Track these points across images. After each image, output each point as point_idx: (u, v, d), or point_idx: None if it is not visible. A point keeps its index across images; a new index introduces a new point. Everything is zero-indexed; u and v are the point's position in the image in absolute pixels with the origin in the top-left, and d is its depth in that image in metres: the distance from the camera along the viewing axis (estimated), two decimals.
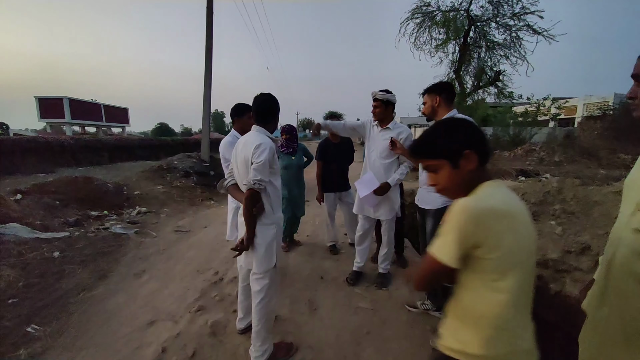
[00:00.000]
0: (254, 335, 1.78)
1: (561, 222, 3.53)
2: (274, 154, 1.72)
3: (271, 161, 1.69)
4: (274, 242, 1.77)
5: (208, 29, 9.56)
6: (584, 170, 7.94)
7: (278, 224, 1.82)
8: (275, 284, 1.89)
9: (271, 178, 1.73)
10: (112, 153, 16.54)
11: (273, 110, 1.79)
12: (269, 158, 1.64)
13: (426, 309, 2.33)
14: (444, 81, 2.25)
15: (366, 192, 2.42)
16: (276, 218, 1.80)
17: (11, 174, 10.32)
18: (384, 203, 2.54)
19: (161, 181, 7.54)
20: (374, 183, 2.42)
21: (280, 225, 1.87)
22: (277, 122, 1.85)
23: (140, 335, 2.15)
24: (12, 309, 2.42)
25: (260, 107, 1.77)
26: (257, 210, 1.70)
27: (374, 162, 2.52)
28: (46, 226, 4.07)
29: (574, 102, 21.80)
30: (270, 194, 1.75)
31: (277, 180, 1.82)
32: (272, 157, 1.69)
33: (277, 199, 1.82)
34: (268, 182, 1.70)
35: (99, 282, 2.98)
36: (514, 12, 10.23)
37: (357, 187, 2.54)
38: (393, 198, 2.55)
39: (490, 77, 11.41)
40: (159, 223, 5.09)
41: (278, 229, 1.81)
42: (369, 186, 2.43)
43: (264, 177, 1.64)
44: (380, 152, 2.48)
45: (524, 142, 11.66)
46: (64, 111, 26.54)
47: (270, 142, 1.70)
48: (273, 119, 1.81)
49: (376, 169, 2.49)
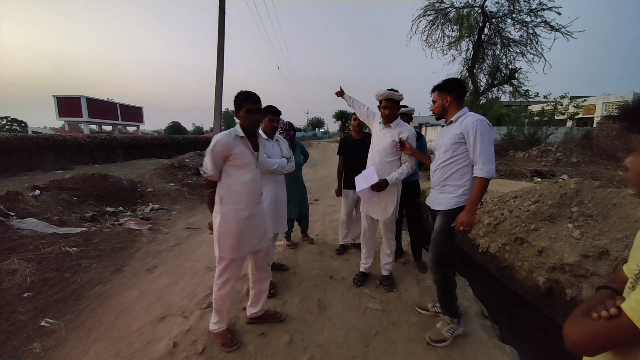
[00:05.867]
0: None
1: (579, 225, 3.42)
2: (228, 147, 1.76)
3: (221, 153, 1.77)
4: (218, 232, 1.84)
5: (220, 29, 9.65)
6: (602, 171, 7.66)
7: (225, 215, 1.83)
8: (228, 275, 1.91)
9: (230, 170, 1.83)
10: (127, 151, 16.98)
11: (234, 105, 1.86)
12: (213, 148, 1.76)
13: (437, 311, 2.28)
14: (456, 78, 2.09)
15: (364, 185, 2.39)
16: (223, 209, 1.83)
17: (29, 170, 10.70)
18: (380, 202, 2.52)
19: (173, 179, 7.67)
20: (373, 178, 2.38)
21: (231, 218, 1.83)
22: (239, 117, 1.85)
23: (152, 329, 2.19)
24: (27, 302, 2.48)
25: None
26: (208, 196, 1.90)
27: (374, 158, 2.52)
28: (64, 221, 4.19)
29: (592, 100, 21.07)
30: (224, 186, 1.84)
31: (240, 175, 1.83)
32: (222, 149, 1.76)
33: (236, 193, 1.84)
34: (211, 171, 1.80)
35: (113, 277, 3.05)
36: (530, 8, 9.95)
37: (356, 182, 2.51)
38: (388, 199, 2.51)
39: (505, 75, 11.13)
40: (170, 220, 5.18)
41: (224, 221, 1.82)
42: (367, 180, 2.40)
43: (205, 165, 1.81)
44: (382, 150, 2.47)
45: (540, 142, 11.33)
46: (82, 110, 27.30)
47: (222, 135, 1.78)
48: (237, 114, 1.87)
49: (377, 166, 2.48)
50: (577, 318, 0.67)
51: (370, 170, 2.47)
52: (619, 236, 3.01)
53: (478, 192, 1.82)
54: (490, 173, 1.80)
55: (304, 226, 3.76)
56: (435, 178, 2.03)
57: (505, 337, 2.31)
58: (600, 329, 0.61)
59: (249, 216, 1.89)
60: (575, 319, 0.67)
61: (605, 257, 2.88)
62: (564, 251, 3.19)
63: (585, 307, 0.68)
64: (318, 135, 64.25)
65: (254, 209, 1.93)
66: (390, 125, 2.45)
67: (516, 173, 7.83)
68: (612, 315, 0.59)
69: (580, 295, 2.89)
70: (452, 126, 1.95)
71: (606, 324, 0.60)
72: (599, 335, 0.61)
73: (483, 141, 1.80)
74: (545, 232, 3.57)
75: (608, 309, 0.60)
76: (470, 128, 1.82)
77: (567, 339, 0.66)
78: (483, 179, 1.81)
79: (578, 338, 0.64)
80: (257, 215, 1.96)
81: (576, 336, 0.64)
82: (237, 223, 1.85)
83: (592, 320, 0.62)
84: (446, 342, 1.99)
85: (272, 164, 2.43)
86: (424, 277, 2.92)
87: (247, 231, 1.90)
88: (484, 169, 1.80)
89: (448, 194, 1.95)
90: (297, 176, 3.39)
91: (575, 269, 3.00)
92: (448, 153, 1.93)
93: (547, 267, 3.23)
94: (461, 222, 1.83)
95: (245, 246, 1.91)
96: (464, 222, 1.82)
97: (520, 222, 3.91)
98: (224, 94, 9.96)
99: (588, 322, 0.63)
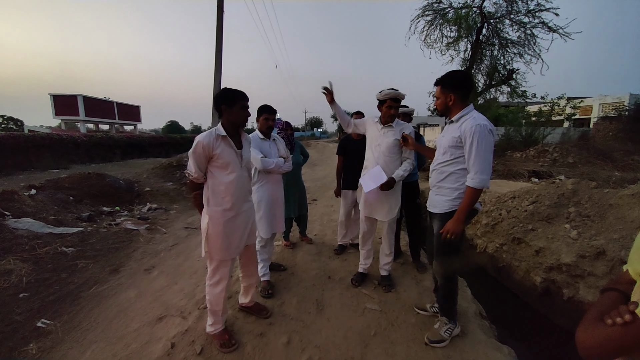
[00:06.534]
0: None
1: (576, 226, 3.44)
2: (209, 148, 1.74)
3: (203, 154, 1.74)
4: (207, 233, 1.83)
5: (218, 27, 9.62)
6: (598, 172, 7.72)
7: (212, 217, 1.83)
8: (220, 275, 1.92)
9: (214, 171, 1.81)
10: (124, 150, 16.88)
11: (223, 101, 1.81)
12: (194, 150, 1.73)
13: (435, 311, 2.28)
14: (461, 72, 1.96)
15: (373, 186, 2.36)
16: (210, 211, 1.83)
17: (25, 169, 10.62)
18: (384, 203, 2.50)
19: (171, 178, 7.64)
20: (381, 176, 2.35)
21: (218, 219, 1.84)
22: (232, 113, 1.82)
23: (149, 330, 2.18)
24: (23, 303, 2.46)
25: None
26: (194, 198, 1.90)
27: (378, 158, 2.47)
28: (60, 221, 4.16)
29: (589, 102, 21.21)
30: (209, 187, 1.83)
31: (223, 176, 1.81)
32: (204, 150, 1.73)
33: (221, 194, 1.82)
34: (196, 174, 1.78)
35: (110, 277, 3.03)
36: (528, 9, 9.98)
37: (362, 183, 2.47)
38: (392, 199, 2.51)
39: (503, 76, 11.17)
40: (168, 219, 5.16)
41: (212, 223, 1.82)
42: (376, 180, 2.37)
43: (189, 167, 1.80)
44: (385, 150, 2.45)
45: (537, 143, 11.39)
46: (78, 109, 27.09)
47: (203, 135, 1.75)
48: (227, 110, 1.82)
49: (382, 166, 2.46)
50: (589, 324, 0.66)
51: (377, 169, 2.42)
52: (615, 236, 3.03)
53: (467, 201, 1.76)
54: (482, 183, 1.72)
55: (302, 226, 3.76)
56: (433, 179, 2.01)
57: (503, 337, 2.32)
58: (614, 335, 0.60)
59: (236, 215, 1.89)
60: (588, 325, 0.66)
61: (602, 258, 2.90)
62: (561, 251, 3.20)
63: (597, 312, 0.68)
64: (316, 135, 64.22)
65: (241, 207, 1.92)
66: (392, 125, 2.44)
67: (514, 173, 7.87)
68: (627, 321, 0.59)
69: (577, 295, 2.91)
70: (453, 126, 1.86)
71: (621, 330, 0.60)
72: (614, 342, 0.61)
73: (479, 149, 1.70)
74: (543, 232, 3.58)
75: (622, 315, 0.60)
76: (468, 133, 1.73)
77: (581, 345, 0.65)
78: (474, 189, 1.73)
79: (592, 345, 0.63)
80: (245, 213, 1.96)
81: (590, 343, 0.64)
82: (225, 224, 1.85)
83: (606, 326, 0.62)
84: (444, 342, 1.99)
85: (269, 163, 2.42)
86: (422, 278, 2.93)
87: (236, 231, 1.91)
88: (475, 178, 1.72)
89: (443, 197, 1.92)
90: (297, 176, 3.38)
91: (572, 269, 3.02)
92: (446, 155, 1.88)
93: (545, 267, 3.24)
94: (447, 230, 1.79)
95: (235, 246, 1.93)
96: (450, 231, 1.78)
97: (518, 222, 3.93)
98: None
99: (602, 328, 0.62)
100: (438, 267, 2.01)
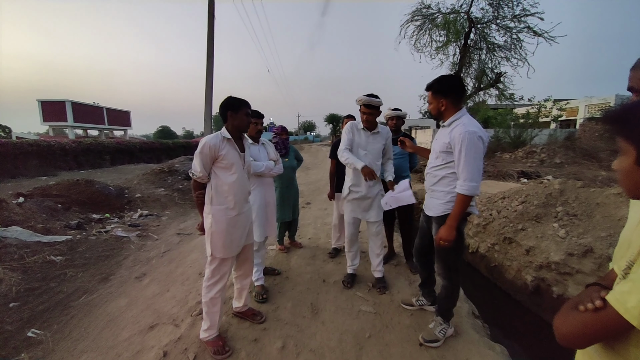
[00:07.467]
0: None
1: (564, 225, 3.52)
2: (215, 149, 1.82)
3: (209, 155, 1.82)
4: (210, 232, 1.90)
5: (210, 32, 9.62)
6: (584, 171, 7.91)
7: (215, 215, 1.89)
8: (219, 275, 1.96)
9: (217, 172, 1.88)
10: (114, 156, 16.64)
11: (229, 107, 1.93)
12: (201, 150, 1.81)
13: (421, 304, 2.35)
14: (451, 76, 1.91)
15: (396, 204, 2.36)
16: (214, 209, 1.89)
17: (13, 177, 10.38)
18: (372, 206, 2.57)
19: (163, 184, 7.55)
20: (408, 192, 2.33)
21: (221, 218, 1.90)
22: (236, 119, 1.93)
23: (141, 338, 2.15)
24: (13, 313, 2.42)
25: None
26: (197, 197, 1.94)
27: (369, 164, 2.46)
28: (48, 229, 4.08)
29: (575, 103, 21.77)
30: (213, 187, 1.90)
31: (226, 177, 1.90)
32: (210, 151, 1.82)
33: (224, 193, 1.90)
34: (200, 173, 1.84)
35: (100, 286, 2.98)
36: (514, 14, 10.27)
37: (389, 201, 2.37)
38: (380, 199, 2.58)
39: (491, 79, 11.43)
40: (160, 226, 5.09)
41: (215, 221, 1.88)
42: (401, 199, 2.35)
43: (193, 168, 1.87)
44: (375, 156, 2.52)
45: (525, 144, 11.63)
46: (67, 114, 26.71)
47: (210, 137, 1.84)
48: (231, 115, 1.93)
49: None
50: (565, 312, 0.69)
51: (404, 184, 2.37)
52: (602, 234, 3.11)
53: (458, 209, 1.76)
54: (472, 190, 1.72)
55: (292, 231, 3.75)
56: (427, 182, 2.04)
57: (495, 335, 2.35)
58: (587, 321, 0.62)
59: (238, 215, 1.96)
60: (563, 313, 0.69)
61: (590, 255, 2.97)
62: (550, 250, 3.27)
63: (574, 301, 0.70)
64: (309, 139, 64.34)
65: (242, 208, 2.00)
66: (378, 131, 2.50)
67: (503, 174, 8.01)
68: (597, 307, 0.61)
69: (566, 292, 2.97)
70: (445, 131, 1.88)
71: (593, 315, 0.62)
72: (587, 327, 0.62)
73: (468, 156, 1.70)
74: (532, 231, 3.65)
75: (594, 301, 0.63)
76: (457, 140, 1.73)
77: (557, 332, 0.67)
78: (464, 195, 1.74)
79: (567, 331, 0.66)
80: (245, 214, 2.04)
81: (565, 329, 0.66)
82: (228, 222, 1.92)
83: (579, 313, 0.64)
84: (439, 342, 2.01)
85: (259, 167, 2.46)
86: (416, 278, 2.94)
87: (237, 230, 1.98)
88: (464, 185, 1.72)
89: (437, 200, 1.95)
90: (292, 179, 3.40)
91: (561, 267, 3.08)
92: (438, 159, 1.91)
93: (535, 266, 3.30)
94: (439, 237, 1.81)
95: (236, 245, 1.99)
96: (443, 238, 1.79)
97: (508, 222, 4.00)
98: (214, 98, 9.91)
99: (576, 315, 0.65)
100: (440, 270, 2.03)
